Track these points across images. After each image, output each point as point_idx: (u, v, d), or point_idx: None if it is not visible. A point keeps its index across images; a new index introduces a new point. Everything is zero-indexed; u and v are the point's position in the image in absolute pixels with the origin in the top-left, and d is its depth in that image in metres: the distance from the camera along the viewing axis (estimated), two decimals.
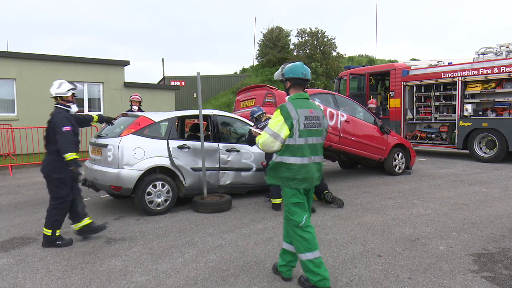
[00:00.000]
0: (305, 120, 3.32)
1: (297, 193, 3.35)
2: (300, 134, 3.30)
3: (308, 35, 30.31)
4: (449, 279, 3.57)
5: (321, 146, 3.47)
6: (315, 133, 3.38)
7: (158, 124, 6.20)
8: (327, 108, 8.13)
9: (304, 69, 3.47)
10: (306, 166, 3.32)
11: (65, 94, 4.55)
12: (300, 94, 3.46)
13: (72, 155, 4.32)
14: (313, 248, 3.30)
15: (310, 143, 3.35)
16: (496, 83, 10.91)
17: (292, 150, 3.31)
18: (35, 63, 13.99)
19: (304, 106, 3.37)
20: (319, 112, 3.45)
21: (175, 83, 23.50)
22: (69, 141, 4.34)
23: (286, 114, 3.28)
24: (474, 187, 7.67)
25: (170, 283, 3.55)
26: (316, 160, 3.42)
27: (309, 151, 3.34)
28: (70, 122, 4.44)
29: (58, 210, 4.52)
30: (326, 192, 6.33)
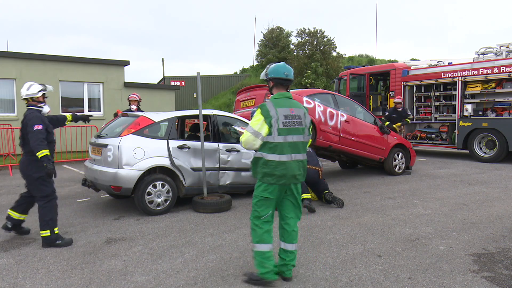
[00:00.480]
0: (285, 119, 3.42)
1: (270, 189, 3.44)
2: (279, 132, 3.40)
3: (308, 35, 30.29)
4: (449, 279, 3.57)
5: (303, 144, 3.54)
6: (295, 131, 3.46)
7: (158, 124, 6.20)
8: (327, 108, 8.13)
9: (286, 69, 3.57)
10: (285, 163, 3.41)
11: (35, 95, 4.65)
12: (282, 93, 3.57)
13: (43, 152, 4.38)
14: (267, 240, 3.44)
15: (290, 141, 3.44)
16: (496, 83, 10.91)
17: (271, 147, 3.42)
18: (35, 63, 13.98)
19: (284, 105, 3.46)
20: (301, 111, 3.53)
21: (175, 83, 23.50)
22: (40, 139, 4.40)
23: (266, 113, 3.41)
24: (474, 187, 7.67)
25: (170, 283, 3.55)
26: (298, 158, 3.48)
27: (289, 149, 3.43)
28: (41, 121, 4.52)
29: (49, 209, 4.56)
30: (326, 192, 6.34)
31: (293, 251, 3.54)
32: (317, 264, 3.92)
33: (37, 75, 13.91)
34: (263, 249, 3.43)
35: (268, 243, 3.44)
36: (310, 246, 4.42)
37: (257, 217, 3.48)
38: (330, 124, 8.09)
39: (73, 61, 14.72)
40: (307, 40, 30.18)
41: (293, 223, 3.57)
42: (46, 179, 4.53)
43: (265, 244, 3.43)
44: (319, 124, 7.95)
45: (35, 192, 4.60)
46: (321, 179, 6.49)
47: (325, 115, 8.06)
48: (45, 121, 4.57)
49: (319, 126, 7.93)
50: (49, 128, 4.63)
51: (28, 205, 4.84)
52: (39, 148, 4.37)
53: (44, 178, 4.52)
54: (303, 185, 6.02)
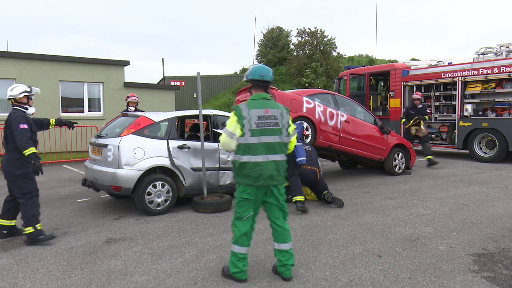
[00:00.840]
0: (258, 120, 3.44)
1: (248, 190, 3.48)
2: (252, 133, 3.43)
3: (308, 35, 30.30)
4: (449, 279, 3.57)
5: (280, 145, 3.53)
6: (270, 132, 3.46)
7: (158, 124, 6.21)
8: (327, 108, 8.13)
9: (263, 71, 3.58)
10: (260, 164, 3.42)
11: (17, 96, 4.75)
12: (259, 94, 3.59)
13: (31, 149, 4.48)
14: (242, 243, 3.51)
15: (265, 142, 3.45)
16: (496, 83, 10.91)
17: (245, 148, 3.45)
18: (35, 63, 13.98)
19: (259, 106, 3.48)
20: (277, 112, 3.52)
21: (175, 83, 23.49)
22: (26, 137, 4.50)
23: (239, 114, 3.46)
24: (474, 187, 7.67)
25: (170, 283, 3.55)
26: (275, 159, 3.48)
27: (263, 150, 3.44)
28: (26, 120, 4.64)
29: (31, 206, 4.64)
30: (326, 192, 6.33)
31: (288, 251, 3.56)
32: (317, 264, 3.92)
33: (37, 75, 13.93)
34: (237, 250, 3.51)
35: (243, 246, 3.51)
36: (310, 246, 4.42)
37: (239, 218, 3.53)
38: (330, 124, 8.09)
39: (73, 61, 14.71)
40: (307, 40, 30.18)
41: (281, 223, 3.59)
42: (28, 177, 4.64)
43: (240, 246, 3.51)
44: (319, 124, 7.94)
45: (16, 189, 4.67)
46: (320, 179, 6.47)
47: (325, 115, 8.06)
48: (29, 121, 4.70)
49: (319, 126, 7.93)
50: (33, 127, 4.75)
51: (15, 210, 4.86)
52: (26, 146, 4.47)
53: (25, 176, 4.62)
54: (297, 187, 6.01)
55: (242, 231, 3.51)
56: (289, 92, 8.26)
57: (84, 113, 14.90)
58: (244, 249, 3.52)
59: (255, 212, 3.55)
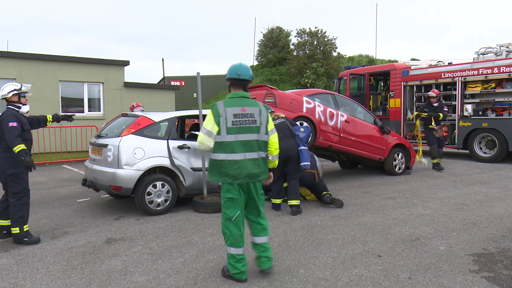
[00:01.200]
0: (234, 118, 3.46)
1: (231, 189, 3.49)
2: (228, 131, 3.45)
3: (308, 35, 30.30)
4: (449, 279, 3.57)
5: (258, 142, 3.54)
6: (247, 130, 3.48)
7: (158, 124, 6.21)
8: (327, 108, 8.14)
9: (239, 69, 3.59)
10: (238, 162, 3.44)
11: (6, 96, 4.75)
12: (236, 93, 3.61)
13: (19, 146, 4.47)
14: (237, 244, 3.51)
15: (242, 140, 3.47)
16: (496, 83, 10.91)
17: (222, 146, 3.47)
18: (35, 63, 13.98)
19: (235, 105, 3.51)
20: (255, 110, 3.54)
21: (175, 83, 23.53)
22: (15, 135, 4.50)
23: (216, 113, 3.48)
24: (474, 187, 7.67)
25: (170, 283, 3.55)
26: (253, 157, 3.50)
27: (241, 148, 3.46)
28: (17, 119, 4.62)
29: (20, 206, 4.61)
30: (325, 193, 6.32)
31: (262, 244, 3.61)
32: (317, 264, 3.92)
33: (37, 75, 13.93)
34: (233, 252, 3.51)
35: (239, 247, 3.51)
36: (310, 246, 4.42)
37: (228, 219, 3.53)
38: (330, 124, 8.10)
39: (73, 61, 14.72)
40: (307, 40, 30.18)
41: (255, 218, 3.64)
42: (19, 176, 4.61)
43: (236, 248, 3.51)
44: (319, 124, 7.95)
45: (8, 188, 4.67)
46: (319, 182, 6.43)
47: (325, 115, 8.06)
48: (20, 119, 4.69)
49: (319, 126, 7.93)
50: (25, 126, 4.74)
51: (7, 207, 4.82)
52: (15, 143, 4.47)
53: (16, 175, 4.60)
54: (295, 191, 5.95)
55: (235, 233, 3.50)
56: (289, 92, 8.27)
57: (84, 113, 14.91)
58: (241, 250, 3.53)
59: (241, 211, 3.56)
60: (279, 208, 6.08)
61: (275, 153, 3.72)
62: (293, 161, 5.93)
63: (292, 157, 5.90)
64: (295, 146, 5.93)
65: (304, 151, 5.96)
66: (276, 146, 3.71)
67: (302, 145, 5.99)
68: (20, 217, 4.60)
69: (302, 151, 5.94)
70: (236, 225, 3.52)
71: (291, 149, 5.89)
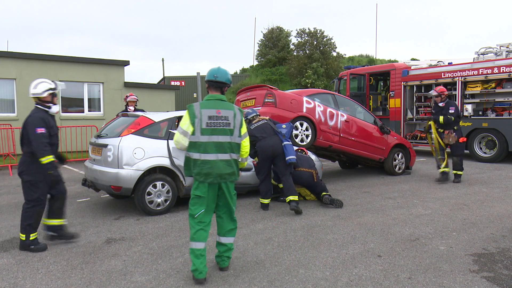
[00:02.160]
0: (209, 120, 3.58)
1: (201, 187, 3.60)
2: (202, 132, 3.57)
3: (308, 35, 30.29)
4: (449, 279, 3.57)
5: (231, 144, 3.65)
6: (220, 132, 3.60)
7: (158, 124, 6.21)
8: (327, 108, 8.14)
9: (216, 72, 3.72)
10: (210, 162, 3.57)
11: (41, 95, 4.33)
12: (213, 95, 3.72)
13: (48, 158, 4.16)
14: (197, 239, 3.56)
15: (215, 141, 3.59)
16: (496, 83, 10.91)
17: (195, 146, 3.60)
18: (35, 63, 13.98)
19: (211, 107, 3.62)
20: (230, 113, 3.66)
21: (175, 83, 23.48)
22: (43, 144, 4.16)
23: (191, 114, 3.61)
24: (474, 187, 7.67)
25: (170, 283, 3.55)
26: (225, 158, 3.62)
27: (214, 149, 3.58)
28: (45, 123, 4.25)
29: (30, 214, 4.34)
30: (324, 194, 6.32)
31: (225, 244, 3.75)
32: (317, 264, 3.92)
33: (37, 75, 13.81)
34: (193, 246, 3.57)
35: (199, 241, 3.56)
36: (310, 246, 4.42)
37: (191, 216, 3.62)
38: (330, 124, 8.10)
39: (73, 61, 14.72)
40: (307, 40, 30.17)
41: (225, 218, 3.75)
42: (35, 185, 4.31)
43: (196, 242, 3.56)
44: (319, 124, 7.95)
45: (23, 193, 4.41)
46: (317, 181, 6.45)
47: (325, 115, 8.06)
48: (48, 123, 4.30)
49: (319, 126, 7.93)
50: (52, 130, 4.35)
51: (52, 207, 4.59)
52: (43, 153, 4.15)
53: (32, 183, 4.31)
54: (290, 187, 5.97)
55: (197, 228, 3.57)
56: (289, 92, 8.27)
57: (84, 113, 14.91)
58: (201, 245, 3.56)
59: (207, 209, 3.62)
60: (267, 207, 6.10)
61: (245, 155, 3.88)
62: (280, 157, 6.04)
63: (278, 154, 6.03)
64: (279, 143, 6.06)
65: (288, 146, 6.08)
66: (246, 150, 3.85)
67: (285, 140, 6.13)
68: (29, 225, 4.33)
69: (286, 146, 6.06)
70: (198, 223, 3.59)
71: (276, 146, 6.02)
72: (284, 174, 6.07)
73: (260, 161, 6.19)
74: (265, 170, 6.16)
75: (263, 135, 6.08)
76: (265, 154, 6.06)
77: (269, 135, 6.10)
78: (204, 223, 3.62)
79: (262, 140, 6.07)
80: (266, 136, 6.06)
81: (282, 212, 5.97)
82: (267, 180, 6.22)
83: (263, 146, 6.05)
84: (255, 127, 6.19)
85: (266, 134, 6.09)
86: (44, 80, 4.44)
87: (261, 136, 6.09)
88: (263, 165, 6.17)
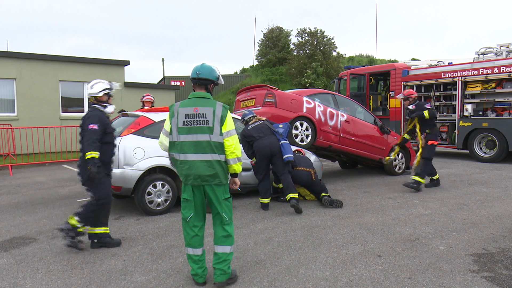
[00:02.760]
0: (185, 118, 3.39)
1: (186, 189, 3.45)
2: (179, 131, 3.41)
3: (308, 35, 30.29)
4: (449, 279, 3.57)
5: (210, 144, 3.37)
6: (197, 130, 3.38)
7: (158, 124, 6.20)
8: (327, 108, 8.14)
9: (199, 69, 3.51)
10: (187, 163, 3.38)
11: (97, 95, 4.44)
12: (194, 93, 3.53)
13: (91, 153, 4.15)
14: (193, 245, 3.48)
15: (192, 140, 3.38)
16: (496, 83, 10.91)
17: (174, 146, 3.47)
18: (35, 63, 13.99)
19: (189, 105, 3.43)
20: (208, 110, 3.39)
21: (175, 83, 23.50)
22: (92, 139, 4.18)
23: (171, 113, 3.48)
24: (474, 187, 7.67)
25: (170, 283, 3.55)
26: (205, 158, 3.36)
27: (191, 148, 3.38)
28: (99, 121, 4.29)
29: (94, 210, 4.34)
30: (323, 195, 6.32)
31: (218, 253, 3.44)
32: (317, 264, 3.92)
33: (37, 75, 13.94)
34: (190, 252, 3.50)
35: (195, 248, 3.48)
36: (310, 246, 4.42)
37: (184, 219, 3.51)
38: (330, 124, 8.10)
39: (73, 61, 14.72)
40: (307, 40, 30.18)
41: (217, 225, 3.50)
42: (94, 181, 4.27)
43: (192, 248, 3.48)
44: (319, 124, 7.95)
45: (90, 194, 4.39)
46: (316, 180, 6.46)
47: (325, 115, 8.06)
48: (104, 121, 4.33)
49: (319, 126, 7.94)
50: (108, 128, 4.38)
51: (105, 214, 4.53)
52: (88, 148, 4.16)
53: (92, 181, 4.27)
54: (289, 185, 6.01)
55: (191, 234, 3.47)
56: (289, 92, 8.27)
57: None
58: (197, 250, 3.48)
59: (196, 213, 3.47)
60: (267, 207, 6.11)
61: (230, 156, 3.45)
62: (277, 156, 6.10)
63: (276, 153, 6.09)
64: (276, 142, 6.12)
65: (285, 145, 6.15)
66: (231, 150, 3.43)
67: (282, 139, 6.20)
68: (88, 218, 4.31)
69: (283, 145, 6.13)
70: (192, 227, 3.47)
71: (273, 145, 6.08)
72: (282, 173, 6.11)
73: (258, 161, 6.21)
74: (263, 170, 6.18)
75: (260, 135, 6.12)
76: (263, 153, 6.09)
77: (266, 135, 6.15)
78: (197, 227, 3.49)
79: (259, 140, 6.11)
80: (263, 136, 6.11)
81: (282, 212, 5.97)
82: (266, 179, 6.23)
83: (260, 145, 6.07)
84: (252, 128, 6.22)
85: (263, 134, 6.14)
86: (100, 81, 4.55)
87: (258, 136, 6.13)
88: (261, 165, 6.18)
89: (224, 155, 3.44)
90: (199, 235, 3.51)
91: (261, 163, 6.18)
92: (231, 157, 3.46)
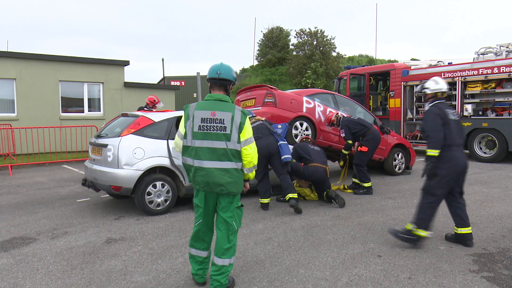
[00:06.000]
0: (201, 122, 3.17)
1: (198, 195, 3.31)
2: (194, 135, 3.19)
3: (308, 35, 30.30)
4: (449, 279, 3.57)
5: (226, 151, 3.15)
6: (214, 136, 3.15)
7: (158, 124, 6.20)
8: (327, 108, 8.14)
9: (220, 69, 3.30)
10: (203, 169, 3.17)
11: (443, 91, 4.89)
12: (212, 95, 3.31)
13: (430, 151, 4.31)
14: (197, 247, 3.43)
15: (209, 147, 3.15)
16: (496, 83, 10.91)
17: (188, 151, 3.26)
18: (35, 63, 13.98)
19: (206, 108, 3.21)
20: (227, 115, 3.16)
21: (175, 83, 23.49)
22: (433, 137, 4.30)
23: (186, 115, 3.28)
24: (474, 187, 7.66)
25: (170, 283, 3.55)
26: (222, 166, 3.16)
27: (207, 155, 3.15)
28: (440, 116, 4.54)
29: (428, 209, 4.35)
30: (329, 190, 6.36)
31: (216, 265, 3.26)
32: (317, 264, 3.92)
33: (37, 75, 13.93)
34: (193, 253, 3.47)
35: (197, 249, 3.43)
36: (310, 246, 4.42)
37: (195, 221, 3.42)
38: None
39: (73, 61, 14.72)
40: (306, 40, 30.17)
41: (220, 236, 3.29)
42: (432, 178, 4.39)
43: (194, 249, 3.45)
44: (319, 124, 7.95)
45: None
46: (328, 178, 6.54)
47: (325, 115, 8.06)
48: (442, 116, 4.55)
49: (319, 126, 7.93)
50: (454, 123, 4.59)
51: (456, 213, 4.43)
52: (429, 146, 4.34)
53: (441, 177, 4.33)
54: (288, 185, 6.02)
55: (197, 238, 3.41)
56: (289, 92, 8.27)
57: (84, 113, 14.91)
58: (199, 252, 3.43)
59: (206, 220, 3.34)
60: (267, 207, 6.11)
61: (248, 166, 3.28)
62: (275, 156, 6.11)
63: (274, 153, 6.09)
64: (274, 142, 6.12)
65: (283, 145, 6.14)
66: (248, 159, 3.24)
67: (281, 140, 6.19)
68: (421, 219, 4.31)
69: (281, 146, 6.12)
70: (198, 231, 3.38)
71: (271, 145, 6.08)
72: (281, 173, 6.11)
73: None
74: (262, 170, 6.18)
75: (259, 135, 6.13)
76: (261, 153, 6.07)
77: (265, 135, 6.16)
78: (205, 234, 3.40)
79: (257, 140, 6.10)
80: (261, 136, 6.11)
81: (282, 212, 5.97)
82: (265, 179, 6.23)
83: (259, 146, 6.06)
84: None
85: (261, 134, 6.14)
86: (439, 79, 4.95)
87: (257, 136, 6.13)
88: (260, 165, 6.17)
89: (241, 163, 3.25)
90: (206, 240, 3.43)
91: (260, 163, 6.15)
92: (248, 166, 3.29)
